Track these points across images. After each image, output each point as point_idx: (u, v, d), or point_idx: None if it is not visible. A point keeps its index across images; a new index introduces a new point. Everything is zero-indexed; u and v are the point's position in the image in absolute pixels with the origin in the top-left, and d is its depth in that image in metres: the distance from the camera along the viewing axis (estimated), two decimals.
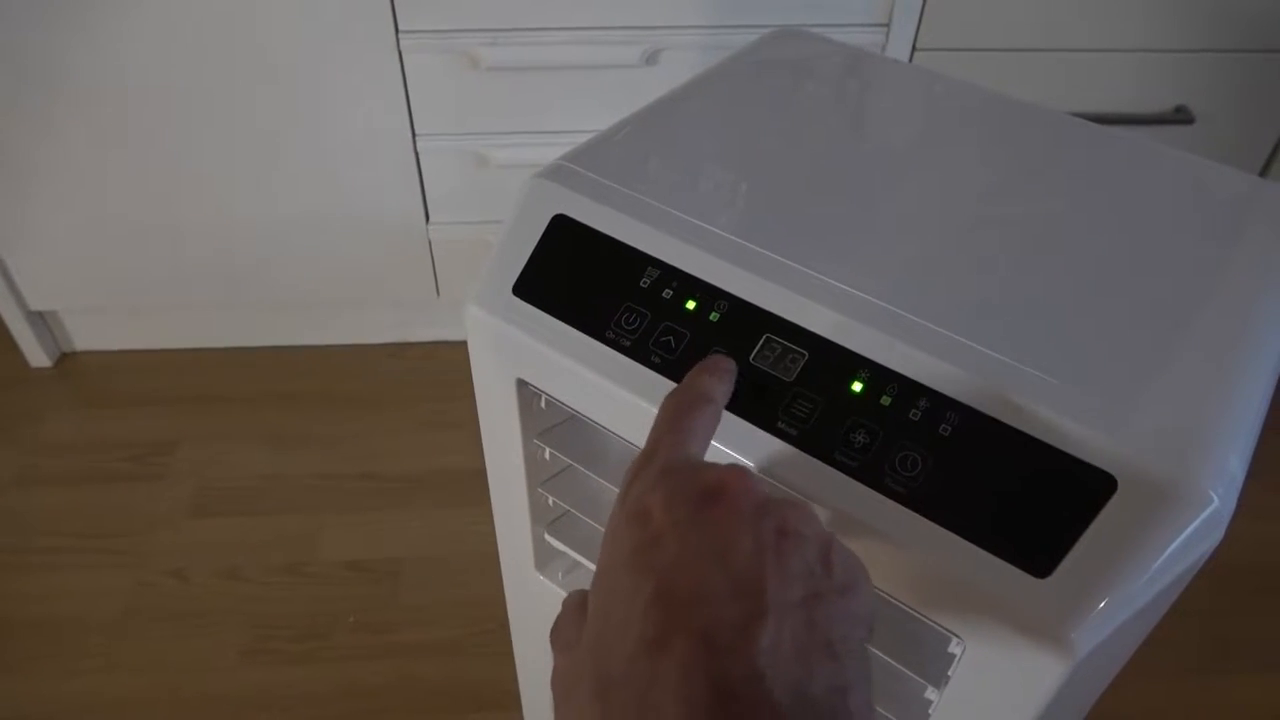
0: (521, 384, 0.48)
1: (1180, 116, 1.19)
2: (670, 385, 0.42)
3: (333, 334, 1.41)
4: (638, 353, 0.43)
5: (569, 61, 1.10)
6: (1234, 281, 0.43)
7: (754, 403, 0.41)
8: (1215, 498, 0.35)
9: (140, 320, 1.38)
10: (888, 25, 1.10)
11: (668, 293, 0.44)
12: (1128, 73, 1.17)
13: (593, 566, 0.56)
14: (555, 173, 0.48)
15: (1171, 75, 1.18)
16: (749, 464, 0.40)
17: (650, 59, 1.10)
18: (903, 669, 0.43)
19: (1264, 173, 1.28)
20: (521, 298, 0.46)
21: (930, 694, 0.42)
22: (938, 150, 0.52)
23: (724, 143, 0.51)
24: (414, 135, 1.15)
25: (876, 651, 0.44)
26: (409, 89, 1.11)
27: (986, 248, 0.45)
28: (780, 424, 0.40)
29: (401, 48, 1.07)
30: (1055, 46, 1.15)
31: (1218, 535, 0.36)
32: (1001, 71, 1.16)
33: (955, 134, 0.54)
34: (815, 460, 0.39)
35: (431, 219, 1.24)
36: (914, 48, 1.13)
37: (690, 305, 0.43)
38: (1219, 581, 1.12)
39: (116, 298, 1.32)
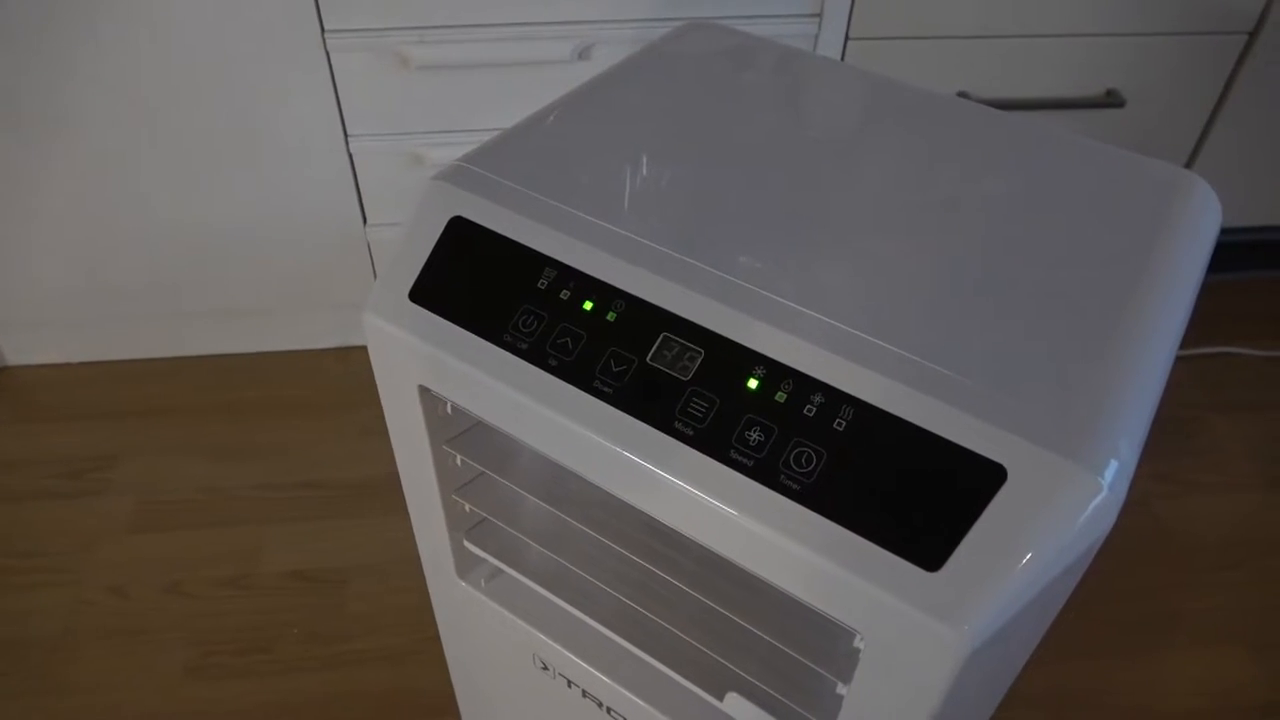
0: (424, 391, 0.47)
1: (1111, 100, 1.21)
2: (567, 389, 0.41)
3: (273, 340, 1.38)
4: (535, 356, 0.42)
5: (500, 59, 1.08)
6: (1127, 270, 0.44)
7: (651, 403, 0.40)
8: (1105, 485, 0.35)
9: (74, 333, 1.35)
10: (820, 15, 1.10)
11: (565, 294, 0.43)
12: (1059, 57, 1.18)
13: (514, 573, 0.55)
14: (453, 174, 0.47)
15: (1102, 59, 1.19)
16: (650, 467, 0.40)
17: (583, 54, 1.09)
18: (813, 666, 0.43)
19: (1195, 152, 1.30)
20: (418, 303, 0.45)
21: (841, 689, 0.42)
22: (838, 143, 0.52)
23: (624, 140, 0.51)
24: (346, 136, 1.14)
25: (789, 650, 0.44)
26: (338, 90, 1.09)
27: (882, 241, 0.45)
28: (677, 424, 0.39)
29: (328, 48, 1.05)
30: (988, 33, 1.15)
31: (1109, 521, 0.36)
32: (935, 59, 1.17)
33: (856, 126, 0.54)
34: (711, 460, 0.38)
35: (369, 220, 1.22)
36: (847, 38, 1.13)
37: (588, 306, 0.42)
38: (1169, 558, 1.14)
39: (49, 311, 1.29)
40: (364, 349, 1.40)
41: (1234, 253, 1.49)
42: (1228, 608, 1.09)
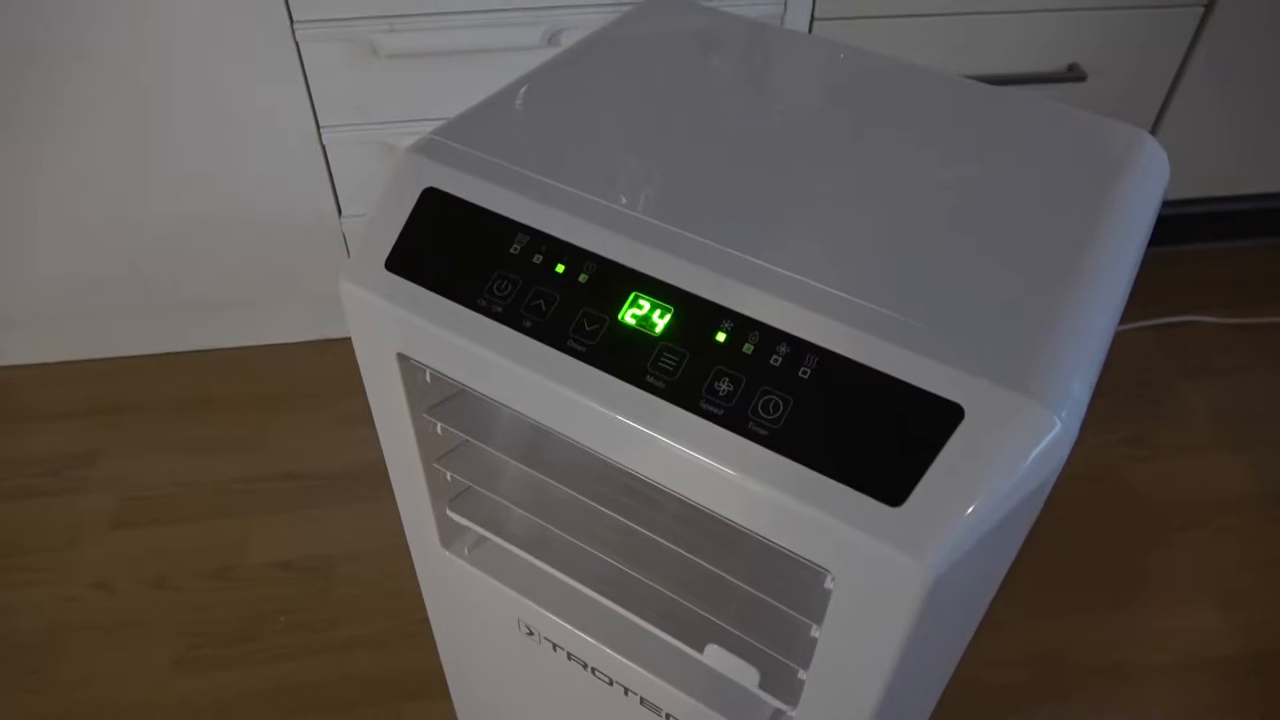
0: (403, 359, 0.48)
1: (1073, 74, 1.23)
2: (542, 349, 0.43)
3: (251, 335, 1.38)
4: (510, 318, 0.44)
5: (470, 45, 1.09)
6: (1078, 218, 0.45)
7: (623, 359, 0.41)
8: (1059, 421, 0.37)
9: (50, 332, 1.34)
10: None
11: (537, 258, 0.44)
12: (1022, 33, 1.20)
13: (499, 540, 0.57)
14: (425, 147, 0.49)
15: (1063, 34, 1.21)
16: (625, 420, 0.41)
17: (552, 39, 1.10)
18: (788, 610, 0.44)
19: (1155, 124, 1.33)
20: (394, 272, 0.46)
21: (815, 632, 0.44)
22: (799, 107, 0.54)
23: (590, 110, 0.52)
24: (318, 127, 1.14)
25: (765, 597, 0.45)
26: (309, 80, 1.10)
27: (840, 199, 0.46)
28: (649, 378, 0.41)
29: (298, 38, 1.06)
30: (950, 10, 1.17)
31: (1063, 455, 0.38)
32: (900, 37, 1.18)
33: (817, 93, 0.55)
34: (682, 410, 0.40)
35: (344, 212, 1.23)
36: (813, 17, 1.15)
37: (560, 268, 0.44)
38: (1138, 519, 1.17)
39: (24, 310, 1.29)
40: (341, 341, 1.40)
41: (1194, 223, 1.52)
42: (1195, 565, 1.12)
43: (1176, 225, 1.50)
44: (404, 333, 0.46)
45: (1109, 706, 1.00)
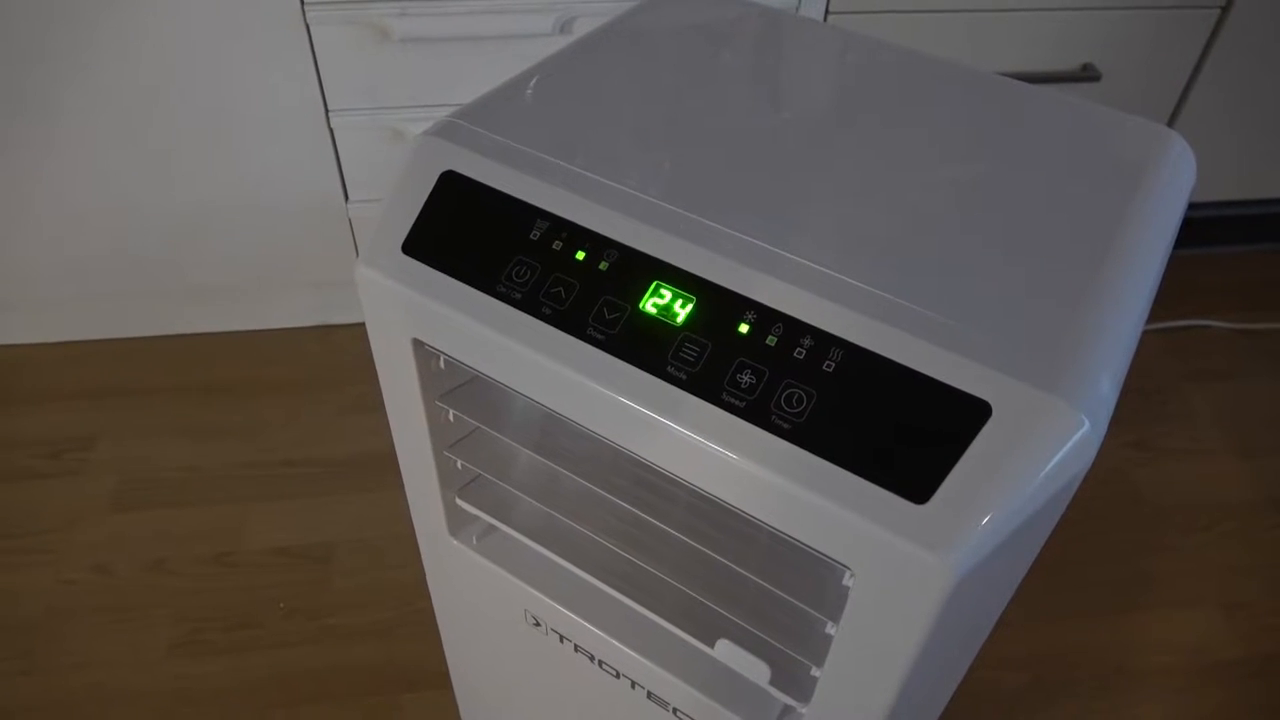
0: (418, 344, 0.47)
1: (1087, 74, 1.22)
2: (561, 337, 0.42)
3: (254, 319, 1.38)
4: (528, 305, 0.43)
5: (481, 32, 1.08)
6: (1106, 216, 0.45)
7: (644, 349, 0.41)
8: (1086, 420, 0.36)
9: (52, 312, 1.34)
10: None
11: (557, 244, 0.43)
12: (1035, 32, 1.20)
13: (507, 529, 0.56)
14: (444, 130, 0.48)
15: (1078, 33, 1.21)
16: (644, 411, 0.40)
17: (564, 27, 1.09)
18: (803, 606, 0.44)
19: (1169, 126, 1.32)
20: (411, 255, 0.45)
21: (831, 629, 0.43)
22: (823, 97, 0.53)
23: (610, 96, 0.51)
24: (327, 111, 1.13)
25: (779, 592, 0.45)
26: (319, 64, 1.09)
27: (867, 190, 0.46)
28: (670, 369, 0.40)
29: (308, 20, 1.05)
30: (964, 7, 1.16)
31: (1090, 456, 0.37)
32: (914, 33, 1.18)
33: (840, 82, 0.55)
34: (703, 402, 0.39)
35: (351, 197, 1.22)
36: (827, 11, 1.14)
37: (580, 256, 0.43)
38: (1143, 522, 1.16)
39: (26, 290, 1.28)
40: (344, 328, 1.39)
41: (1205, 227, 1.52)
42: (1199, 569, 1.12)
43: (1186, 229, 1.50)
44: (420, 318, 0.45)
45: (1110, 709, 0.99)
